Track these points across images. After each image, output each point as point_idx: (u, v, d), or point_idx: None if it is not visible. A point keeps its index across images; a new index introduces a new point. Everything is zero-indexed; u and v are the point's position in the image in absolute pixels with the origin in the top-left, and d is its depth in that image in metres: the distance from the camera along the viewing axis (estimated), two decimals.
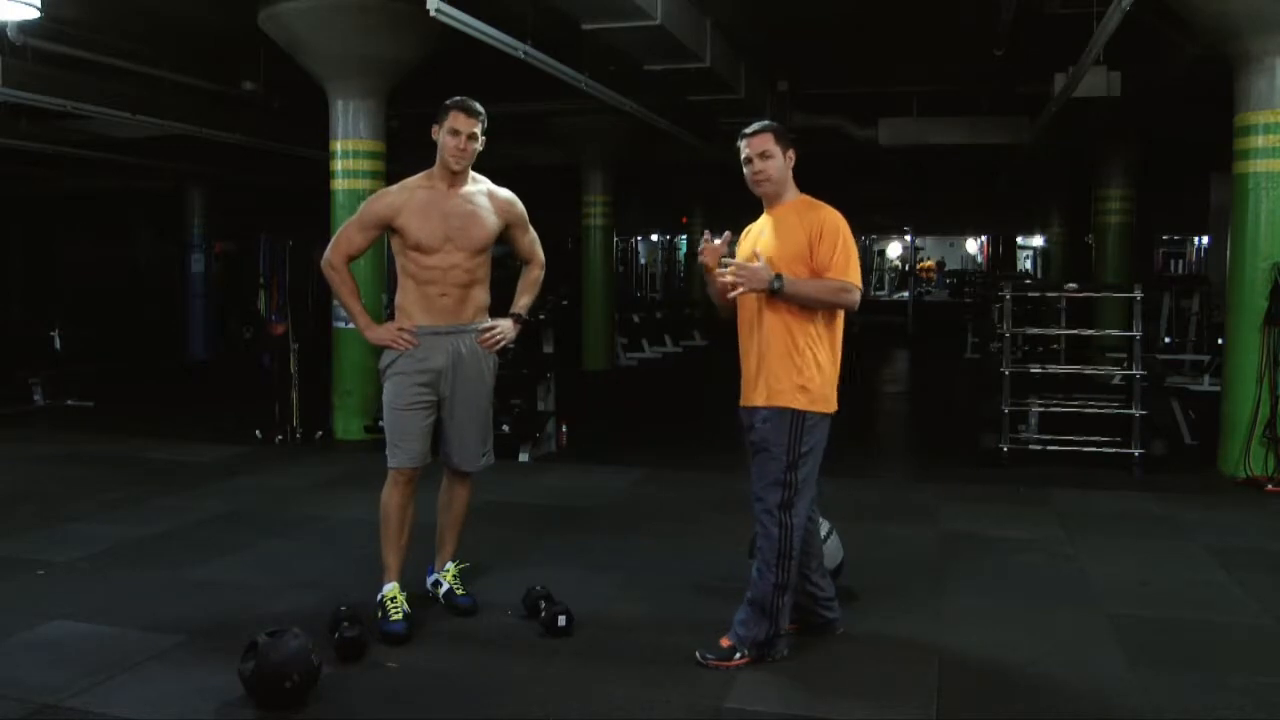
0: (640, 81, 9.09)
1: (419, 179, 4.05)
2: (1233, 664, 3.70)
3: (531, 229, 4.26)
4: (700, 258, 3.85)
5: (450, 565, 4.26)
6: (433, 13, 6.26)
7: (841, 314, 3.72)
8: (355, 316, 4.09)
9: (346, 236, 4.07)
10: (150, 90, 10.34)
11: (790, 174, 3.77)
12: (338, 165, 8.47)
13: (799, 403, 3.61)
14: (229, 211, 16.68)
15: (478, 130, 3.96)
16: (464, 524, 4.29)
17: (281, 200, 16.80)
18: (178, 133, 11.05)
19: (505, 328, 4.13)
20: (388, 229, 4.02)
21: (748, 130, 3.78)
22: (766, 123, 3.83)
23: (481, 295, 4.09)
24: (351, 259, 4.09)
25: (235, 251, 16.64)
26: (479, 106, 3.99)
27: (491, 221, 4.06)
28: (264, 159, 13.46)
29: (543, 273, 4.31)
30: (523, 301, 4.25)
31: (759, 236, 3.78)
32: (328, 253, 4.07)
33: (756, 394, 3.69)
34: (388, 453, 4.03)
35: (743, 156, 3.75)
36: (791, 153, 3.76)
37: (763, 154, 3.71)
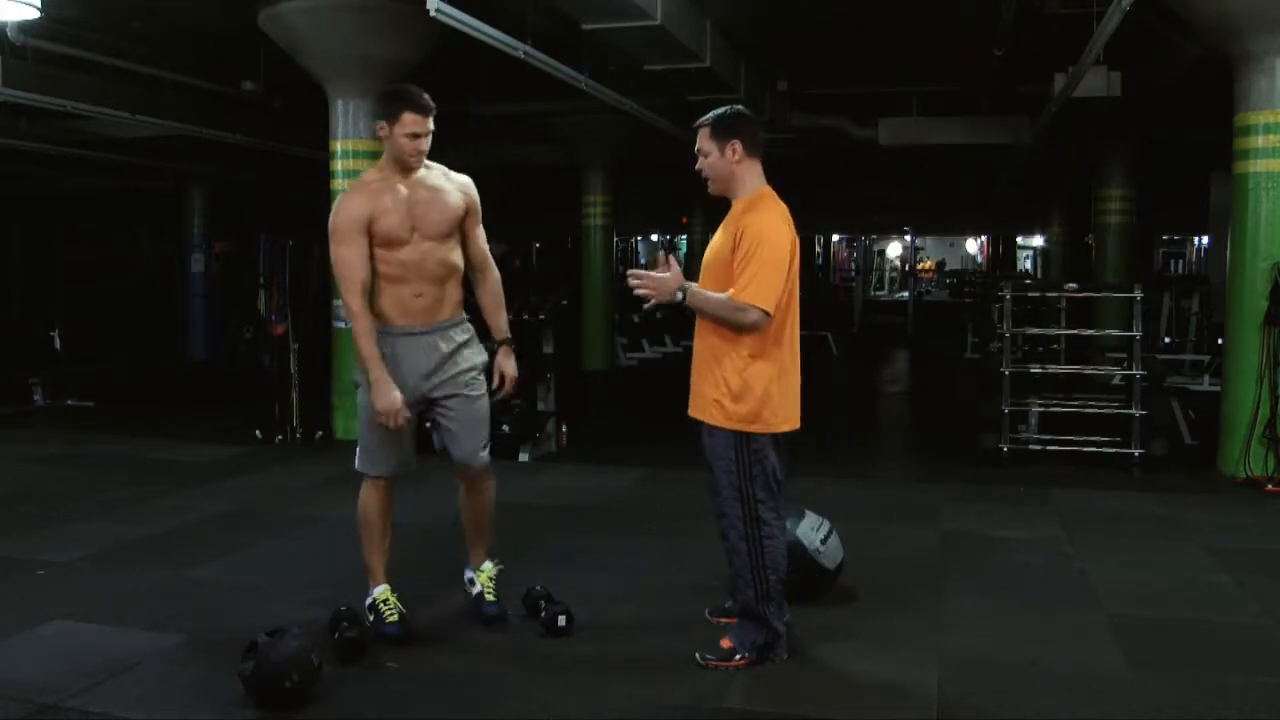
0: (640, 81, 9.09)
1: (372, 175, 3.91)
2: (1233, 664, 3.70)
3: (481, 226, 4.06)
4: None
5: (488, 564, 4.15)
6: (433, 13, 6.26)
7: (785, 323, 3.47)
8: (369, 361, 3.77)
9: (349, 267, 3.76)
10: (150, 90, 10.33)
11: (741, 167, 3.49)
12: (338, 165, 8.45)
13: (716, 419, 3.45)
14: (229, 211, 16.68)
15: (431, 125, 3.82)
16: (492, 518, 4.17)
17: (281, 200, 16.79)
18: (178, 133, 11.05)
19: (509, 368, 4.01)
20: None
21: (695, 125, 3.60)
22: (708, 116, 3.55)
23: (456, 292, 3.97)
24: (366, 288, 3.82)
25: (235, 251, 16.64)
26: (428, 100, 3.82)
27: (456, 199, 3.91)
28: (264, 159, 13.45)
29: (499, 275, 4.11)
30: (503, 322, 4.06)
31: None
32: (345, 299, 3.82)
33: (690, 403, 3.59)
34: (365, 462, 3.97)
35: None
36: (735, 144, 3.46)
37: (700, 151, 3.54)
